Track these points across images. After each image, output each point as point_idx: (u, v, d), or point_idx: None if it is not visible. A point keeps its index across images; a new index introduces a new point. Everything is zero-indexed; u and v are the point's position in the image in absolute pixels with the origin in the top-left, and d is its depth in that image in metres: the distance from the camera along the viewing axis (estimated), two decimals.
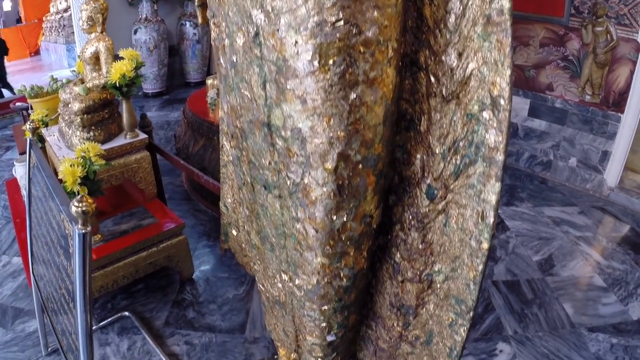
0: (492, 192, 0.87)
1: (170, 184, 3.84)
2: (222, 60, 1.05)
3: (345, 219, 0.96)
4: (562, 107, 3.90)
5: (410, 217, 1.05)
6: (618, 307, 2.74)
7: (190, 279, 2.79)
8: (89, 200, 1.45)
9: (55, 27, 10.10)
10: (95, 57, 2.67)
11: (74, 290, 1.58)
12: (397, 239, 1.09)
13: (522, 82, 4.09)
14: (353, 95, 0.85)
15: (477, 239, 0.91)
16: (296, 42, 0.84)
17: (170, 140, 4.81)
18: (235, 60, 0.98)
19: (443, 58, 0.91)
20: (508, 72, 0.81)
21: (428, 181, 0.99)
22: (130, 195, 2.85)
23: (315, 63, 0.83)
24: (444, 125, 0.94)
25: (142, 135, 2.67)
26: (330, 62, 0.83)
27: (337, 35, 0.82)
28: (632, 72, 3.51)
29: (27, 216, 2.19)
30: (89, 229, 1.46)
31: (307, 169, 0.92)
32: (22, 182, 3.06)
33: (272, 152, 0.98)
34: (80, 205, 1.41)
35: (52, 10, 10.71)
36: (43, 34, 11.45)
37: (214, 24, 1.10)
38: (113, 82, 2.51)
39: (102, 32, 2.66)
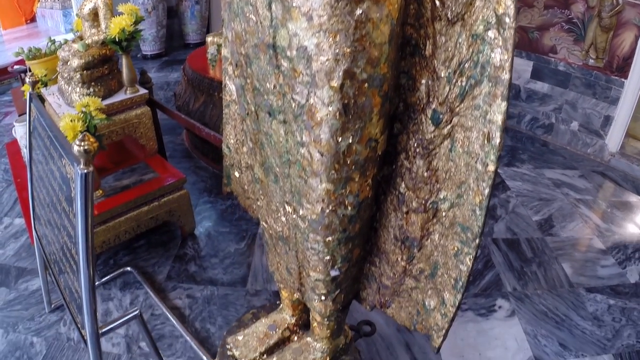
0: (498, 112, 0.86)
1: (171, 142, 3.83)
2: None
3: (350, 141, 0.96)
4: (565, 70, 3.87)
5: (416, 145, 1.04)
6: (616, 270, 2.77)
7: (192, 234, 2.80)
8: (91, 139, 1.45)
9: None
10: (94, 14, 2.64)
11: (76, 236, 1.58)
12: (401, 169, 1.09)
13: (525, 43, 4.05)
14: (359, 11, 0.84)
15: (483, 162, 0.91)
16: None
17: (170, 100, 4.78)
18: None
19: None
20: None
21: (433, 106, 0.99)
22: (131, 151, 2.85)
23: None
24: (449, 48, 0.93)
25: (142, 91, 2.65)
26: None
27: None
28: (637, 38, 3.48)
29: (28, 170, 2.18)
30: (90, 168, 1.46)
31: (313, 88, 0.91)
32: (23, 142, 3.05)
33: (277, 74, 0.97)
34: (82, 144, 1.41)
35: None
36: (39, 1, 11.25)
37: None
38: (112, 37, 2.49)
39: None
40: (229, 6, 1.06)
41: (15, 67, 4.08)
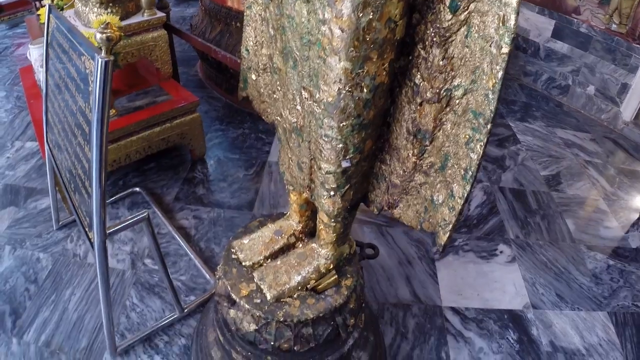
0: None
1: (185, 73, 3.85)
2: None
3: (371, 16, 0.96)
4: (587, 32, 3.81)
5: (433, 34, 1.05)
6: (619, 233, 2.79)
7: (202, 159, 2.83)
8: (114, 28, 1.46)
9: None
10: None
11: (90, 132, 1.60)
12: (418, 59, 1.10)
13: (548, 1, 3.98)
14: None
15: (498, 44, 0.92)
16: None
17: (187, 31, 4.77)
18: None
19: None
20: None
21: None
22: (145, 74, 2.86)
23: None
24: None
25: (160, 14, 2.65)
26: None
27: None
28: None
29: (43, 81, 2.20)
30: (112, 57, 1.48)
31: None
32: (37, 65, 3.06)
33: None
34: (105, 31, 1.42)
35: None
36: None
37: None
38: None
39: None
40: None
41: None
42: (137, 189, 2.63)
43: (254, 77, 1.53)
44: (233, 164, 2.82)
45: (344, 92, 1.07)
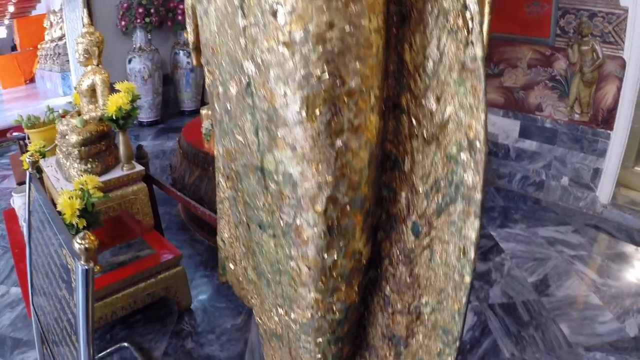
0: (472, 229, 0.92)
1: (167, 213, 3.87)
2: (216, 106, 1.11)
3: (335, 257, 1.01)
4: (552, 126, 3.98)
5: (398, 252, 1.10)
6: (614, 325, 2.77)
7: (189, 309, 2.81)
8: (92, 238, 1.50)
9: (50, 55, 10.11)
10: (92, 90, 2.73)
11: (76, 324, 1.61)
12: (386, 273, 1.14)
13: (511, 103, 4.17)
14: (339, 143, 0.91)
15: (460, 273, 0.96)
16: (285, 93, 0.90)
17: (165, 170, 4.84)
18: (229, 107, 1.04)
19: (423, 102, 0.97)
20: (483, 116, 0.86)
21: (413, 218, 1.04)
22: (127, 226, 2.89)
23: (303, 113, 0.89)
24: (426, 166, 1.00)
25: (139, 167, 2.71)
26: (317, 112, 0.88)
27: (323, 87, 0.87)
28: (618, 89, 3.60)
29: (27, 249, 2.22)
30: (92, 264, 1.50)
31: (299, 210, 0.97)
32: (21, 213, 3.09)
33: (265, 194, 1.03)
34: (83, 242, 1.45)
35: (47, 38, 10.71)
36: (38, 62, 11.49)
37: (208, 71, 1.16)
38: (110, 115, 2.56)
39: (98, 65, 2.73)
40: (220, 124, 1.13)
41: (15, 133, 4.15)
42: (126, 344, 2.58)
43: (231, 266, 1.56)
44: (220, 313, 2.80)
45: (317, 316, 1.10)
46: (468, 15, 0.85)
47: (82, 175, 2.49)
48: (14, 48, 14.20)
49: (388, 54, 0.98)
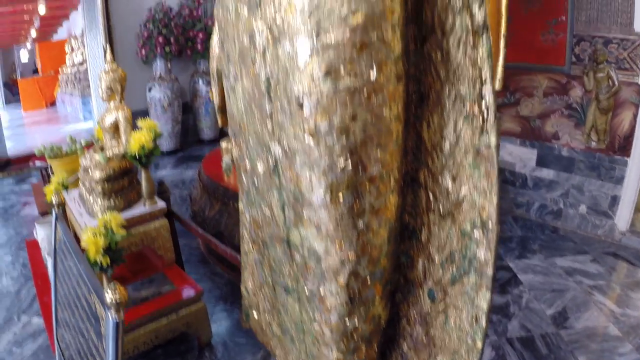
0: (483, 300, 0.98)
1: (187, 246, 3.91)
2: (244, 178, 1.19)
3: (357, 322, 1.08)
4: (569, 155, 3.99)
5: (415, 314, 1.16)
6: (634, 356, 2.76)
7: (209, 343, 2.85)
8: (123, 292, 1.57)
9: (71, 79, 10.28)
10: (115, 126, 2.76)
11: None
12: (404, 332, 1.20)
13: (528, 132, 4.20)
14: (361, 224, 0.98)
15: (472, 338, 1.02)
16: (310, 178, 0.97)
17: (185, 200, 4.91)
18: (256, 183, 1.11)
19: (440, 179, 1.04)
20: (495, 199, 0.93)
21: (429, 284, 1.11)
22: (149, 260, 2.96)
23: (328, 197, 0.96)
24: (442, 238, 1.06)
25: (161, 203, 2.77)
26: (340, 196, 0.96)
27: (346, 175, 0.95)
28: (635, 115, 3.60)
29: (52, 287, 2.27)
30: (122, 317, 1.58)
31: (323, 281, 1.04)
32: (44, 245, 3.15)
33: (291, 263, 1.10)
34: (115, 296, 1.53)
35: (68, 62, 10.92)
36: (59, 86, 11.71)
37: (236, 143, 1.24)
38: (133, 153, 2.63)
39: (120, 101, 2.77)
40: (247, 195, 1.21)
41: (37, 162, 4.23)
42: None
43: (255, 315, 1.63)
44: (240, 348, 2.84)
45: None
46: (484, 104, 0.91)
47: (105, 212, 2.55)
48: (35, 71, 14.59)
49: (407, 131, 1.05)
